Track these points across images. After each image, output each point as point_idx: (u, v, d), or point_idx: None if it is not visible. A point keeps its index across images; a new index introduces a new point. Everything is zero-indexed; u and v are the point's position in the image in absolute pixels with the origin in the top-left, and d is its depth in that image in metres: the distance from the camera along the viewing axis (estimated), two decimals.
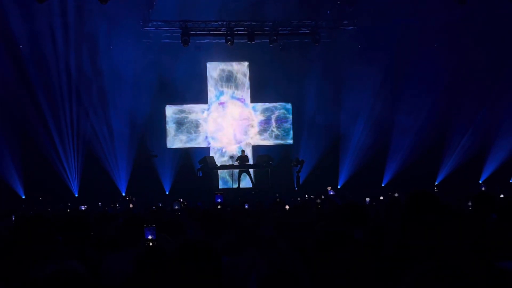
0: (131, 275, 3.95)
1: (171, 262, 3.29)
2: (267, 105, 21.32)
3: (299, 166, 18.79)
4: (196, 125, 20.92)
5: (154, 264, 4.04)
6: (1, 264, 3.93)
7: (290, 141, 21.18)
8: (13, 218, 8.19)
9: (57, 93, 18.59)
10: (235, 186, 19.35)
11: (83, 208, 12.62)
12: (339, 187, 19.52)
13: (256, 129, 21.35)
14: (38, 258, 3.90)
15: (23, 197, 18.35)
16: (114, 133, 19.51)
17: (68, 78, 18.74)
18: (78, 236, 4.96)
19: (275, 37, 18.41)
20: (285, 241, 5.03)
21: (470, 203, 7.60)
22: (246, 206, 11.14)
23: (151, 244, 4.95)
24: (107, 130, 19.49)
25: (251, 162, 19.99)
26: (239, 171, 19.27)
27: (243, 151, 19.48)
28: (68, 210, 14.31)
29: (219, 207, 10.20)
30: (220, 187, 19.97)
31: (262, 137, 21.37)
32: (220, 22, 18.49)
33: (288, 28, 19.00)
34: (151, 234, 5.00)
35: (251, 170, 19.84)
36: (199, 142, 20.96)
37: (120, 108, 19.39)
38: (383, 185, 19.79)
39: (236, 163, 19.26)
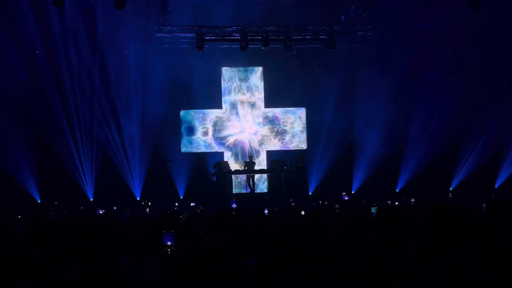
0: (156, 279, 4.13)
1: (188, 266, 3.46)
2: (281, 110, 21.27)
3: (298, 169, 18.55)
4: (210, 130, 20.97)
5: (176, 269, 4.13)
6: (27, 268, 3.98)
7: (304, 146, 21.09)
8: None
9: (73, 98, 18.73)
10: (249, 191, 19.47)
11: (100, 212, 12.76)
12: (353, 192, 19.44)
13: (270, 134, 21.30)
14: (63, 261, 3.99)
15: (39, 201, 18.44)
16: (129, 138, 19.66)
17: (83, 83, 18.91)
18: (101, 241, 5.07)
19: (289, 43, 18.30)
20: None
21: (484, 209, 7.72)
22: (266, 212, 11.06)
23: (169, 250, 4.96)
24: (122, 135, 19.61)
25: (263, 167, 20.36)
26: (247, 177, 19.39)
27: (251, 157, 19.60)
28: (84, 214, 14.64)
29: (233, 212, 10.42)
30: (234, 191, 19.97)
31: (276, 142, 21.35)
32: (234, 28, 18.53)
33: (302, 34, 18.92)
34: (170, 240, 4.99)
35: (264, 176, 20.14)
36: (212, 147, 20.91)
37: (135, 113, 19.59)
38: (397, 190, 19.70)
39: (246, 168, 19.35)
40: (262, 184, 20.13)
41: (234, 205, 11.35)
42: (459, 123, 19.29)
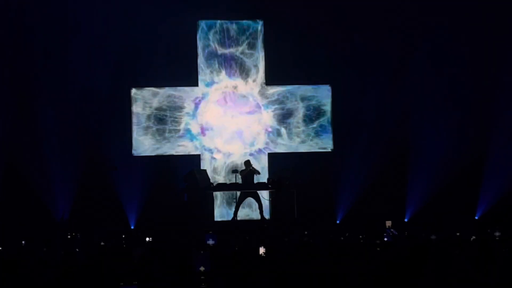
0: None
1: None
2: (291, 88, 18.29)
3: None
4: (180, 121, 18.21)
5: None
6: None
7: (329, 146, 18.09)
8: None
9: None
10: (236, 215, 17.37)
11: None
12: (406, 220, 17.47)
13: (274, 126, 18.28)
14: None
15: None
16: (56, 134, 17.59)
17: None
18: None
19: None
20: None
21: None
22: (263, 251, 10.32)
23: None
24: (44, 131, 17.69)
25: (262, 179, 17.34)
26: (241, 194, 16.61)
27: (248, 161, 16.60)
28: None
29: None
30: (217, 218, 17.65)
31: (284, 139, 18.26)
32: None
33: None
34: None
35: (264, 192, 17.07)
36: (185, 147, 18.19)
37: (66, 95, 17.77)
38: (476, 218, 17.55)
39: (238, 181, 16.95)
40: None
41: (210, 241, 10.78)
42: None
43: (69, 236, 14.97)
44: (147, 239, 14.02)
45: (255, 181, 16.69)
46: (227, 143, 18.16)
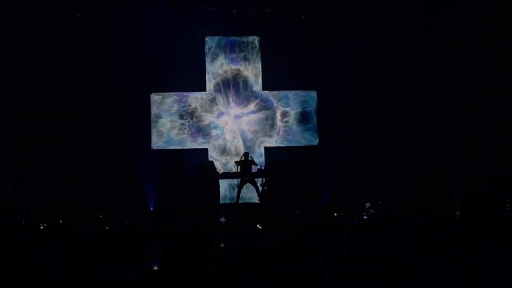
0: None
1: None
2: (284, 93, 20.00)
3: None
4: (191, 120, 20.05)
5: None
6: None
7: (315, 141, 19.90)
8: None
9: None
10: (238, 197, 18.91)
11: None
12: (379, 203, 18.62)
13: (269, 125, 20.08)
14: None
15: None
16: (80, 132, 19.69)
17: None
18: None
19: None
20: None
21: None
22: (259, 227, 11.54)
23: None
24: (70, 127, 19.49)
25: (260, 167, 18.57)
26: (240, 181, 18.11)
27: (246, 153, 18.07)
28: None
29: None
30: (223, 201, 19.35)
31: (278, 136, 19.95)
32: None
33: None
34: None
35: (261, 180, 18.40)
36: (195, 142, 19.97)
37: (90, 98, 19.54)
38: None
39: (238, 170, 18.33)
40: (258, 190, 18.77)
41: (222, 219, 12.02)
42: None
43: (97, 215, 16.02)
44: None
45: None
46: (230, 138, 20.00)
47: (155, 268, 6.40)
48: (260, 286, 6.08)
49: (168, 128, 20.39)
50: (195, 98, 20.36)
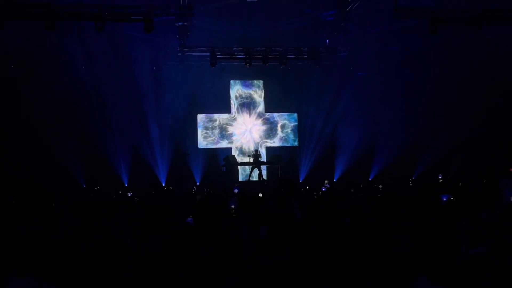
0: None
1: None
2: (278, 114, 21.96)
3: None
4: (221, 130, 21.45)
5: None
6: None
7: (296, 144, 21.74)
8: None
9: (115, 105, 19.40)
10: (250, 178, 19.71)
11: (129, 195, 13.34)
12: (334, 180, 19.94)
13: (269, 133, 21.80)
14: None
15: (84, 186, 19.07)
16: (155, 136, 19.96)
17: (121, 92, 19.45)
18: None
19: (284, 60, 18.89)
20: None
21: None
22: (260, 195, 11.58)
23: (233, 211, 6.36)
24: (150, 134, 19.93)
25: (264, 159, 20.48)
26: (252, 167, 19.74)
27: (256, 150, 20.01)
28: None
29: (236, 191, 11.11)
30: (240, 179, 20.42)
31: (274, 140, 21.90)
32: (240, 48, 18.98)
33: (295, 54, 19.32)
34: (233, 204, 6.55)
35: (264, 167, 20.25)
36: (222, 143, 21.50)
37: (161, 116, 20.02)
38: (370, 179, 20.39)
39: (251, 160, 19.73)
40: (261, 174, 20.25)
41: (236, 190, 11.29)
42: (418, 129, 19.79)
43: (166, 188, 17.58)
44: (204, 189, 15.90)
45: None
46: (245, 141, 21.43)
47: (189, 220, 5.69)
48: (254, 230, 5.30)
49: (206, 135, 21.37)
50: (222, 117, 21.54)
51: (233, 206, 6.84)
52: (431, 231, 3.01)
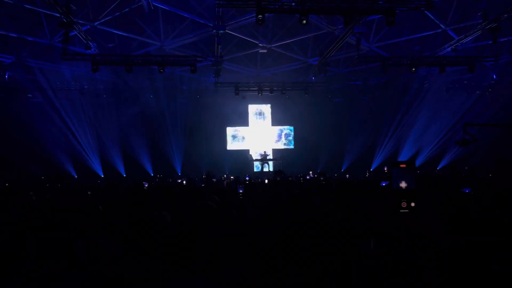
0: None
1: None
2: (281, 127, 23.05)
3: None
4: (243, 138, 22.73)
5: None
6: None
7: (292, 147, 23.03)
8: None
9: (172, 121, 20.01)
10: (263, 170, 21.33)
11: (178, 181, 15.10)
12: (318, 171, 21.54)
13: (274, 139, 22.66)
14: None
15: (151, 174, 20.24)
16: (199, 142, 20.86)
17: (176, 113, 19.97)
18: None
19: (284, 91, 20.04)
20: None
21: None
22: (266, 181, 12.92)
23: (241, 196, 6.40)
24: (195, 141, 20.67)
25: (270, 157, 21.91)
26: (263, 163, 21.82)
27: (265, 151, 21.68)
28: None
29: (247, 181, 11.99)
30: (254, 170, 21.78)
31: (278, 144, 22.78)
32: (255, 83, 19.79)
33: (291, 87, 19.45)
34: (241, 189, 6.44)
35: (270, 162, 21.84)
36: (243, 146, 22.51)
37: (202, 128, 21.24)
38: (342, 170, 21.91)
39: (261, 158, 21.86)
40: (269, 167, 22.30)
41: (240, 190, 10.48)
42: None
43: (204, 176, 16.17)
44: (232, 177, 17.97)
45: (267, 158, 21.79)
46: (259, 144, 21.71)
47: (211, 203, 4.62)
48: (252, 205, 5.21)
49: (232, 140, 22.35)
50: (244, 129, 22.56)
51: (241, 191, 6.70)
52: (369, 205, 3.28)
